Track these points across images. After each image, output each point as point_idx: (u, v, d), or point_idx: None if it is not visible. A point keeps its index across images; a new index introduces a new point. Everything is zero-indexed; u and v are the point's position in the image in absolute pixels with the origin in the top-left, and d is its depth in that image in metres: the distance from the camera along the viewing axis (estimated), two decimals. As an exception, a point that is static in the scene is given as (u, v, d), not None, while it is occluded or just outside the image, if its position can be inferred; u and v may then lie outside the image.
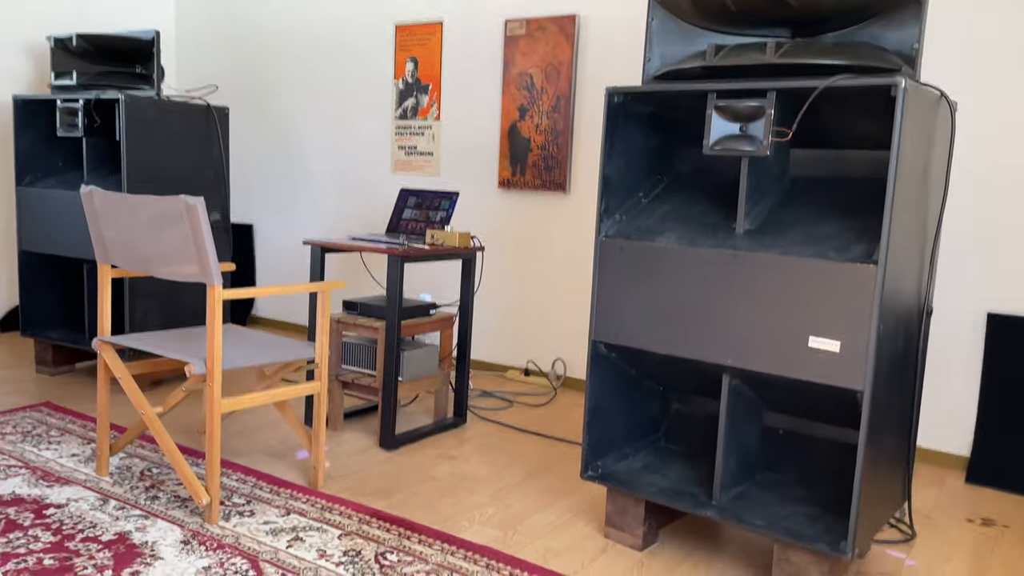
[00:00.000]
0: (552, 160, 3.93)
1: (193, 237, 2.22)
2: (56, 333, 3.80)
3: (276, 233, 5.10)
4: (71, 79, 3.58)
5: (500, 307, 4.23)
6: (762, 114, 1.96)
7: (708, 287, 2.07)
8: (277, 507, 2.43)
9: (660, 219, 2.26)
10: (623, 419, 2.47)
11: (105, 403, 2.59)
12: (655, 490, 2.23)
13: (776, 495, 2.24)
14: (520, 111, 4.01)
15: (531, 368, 4.16)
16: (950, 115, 2.13)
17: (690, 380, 2.37)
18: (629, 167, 2.33)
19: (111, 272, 2.57)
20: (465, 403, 3.34)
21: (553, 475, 2.84)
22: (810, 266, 1.91)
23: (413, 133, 4.43)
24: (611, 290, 2.25)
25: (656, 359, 2.26)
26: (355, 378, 3.11)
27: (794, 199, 2.17)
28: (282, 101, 4.99)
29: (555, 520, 2.46)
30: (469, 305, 3.27)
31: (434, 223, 3.32)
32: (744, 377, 2.12)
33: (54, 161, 3.84)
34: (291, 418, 2.67)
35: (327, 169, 4.83)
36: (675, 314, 2.13)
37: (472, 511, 2.49)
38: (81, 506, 2.37)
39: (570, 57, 3.83)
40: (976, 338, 3.04)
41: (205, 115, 3.69)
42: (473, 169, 4.25)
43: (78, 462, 2.71)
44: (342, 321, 3.14)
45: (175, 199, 2.21)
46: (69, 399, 3.43)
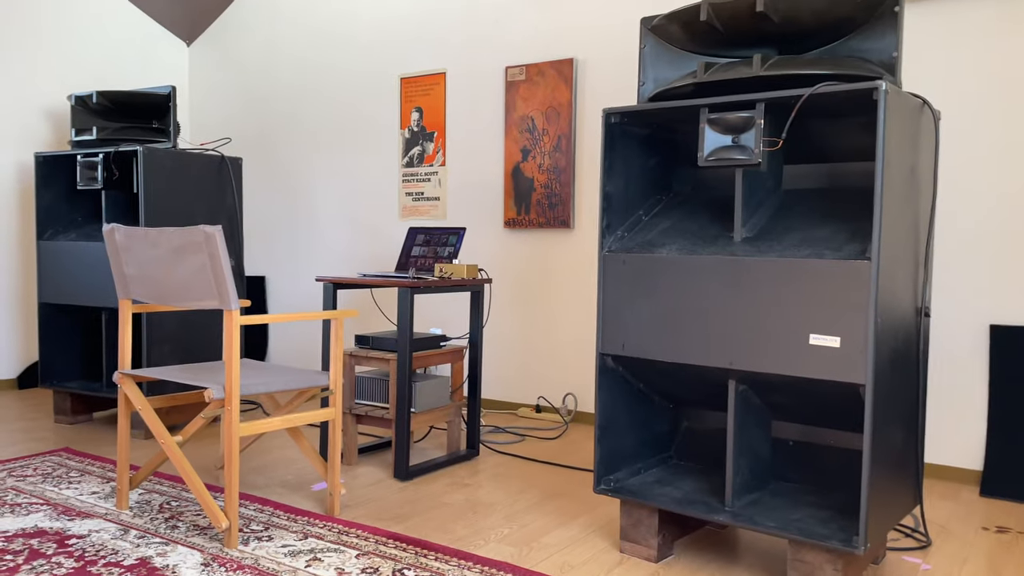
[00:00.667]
0: (556, 198, 4.04)
1: (211, 265, 2.30)
2: (74, 383, 3.87)
3: (288, 284, 5.21)
4: (91, 134, 3.74)
5: (510, 345, 4.28)
6: (752, 125, 2.06)
7: (709, 294, 2.14)
8: (295, 532, 2.46)
9: (661, 233, 2.34)
10: (634, 435, 2.50)
11: (126, 437, 2.64)
12: (668, 500, 2.26)
13: (789, 501, 2.26)
14: (523, 152, 4.14)
15: (542, 404, 4.19)
16: (934, 123, 2.22)
17: (698, 392, 2.41)
18: (629, 186, 2.42)
19: (132, 307, 2.65)
20: (477, 435, 3.37)
21: (567, 498, 2.86)
22: (807, 266, 1.98)
23: (420, 180, 4.57)
24: (615, 303, 2.32)
25: (663, 370, 2.31)
26: (368, 411, 3.15)
27: (789, 209, 2.25)
28: (292, 154, 5.16)
29: (571, 537, 2.48)
30: (479, 336, 3.33)
31: (442, 258, 3.41)
32: (750, 382, 2.17)
33: (74, 216, 3.97)
34: (306, 447, 2.71)
35: (337, 218, 4.96)
36: (678, 322, 2.19)
37: (487, 531, 2.51)
38: (103, 536, 2.40)
39: (569, 98, 3.98)
40: (981, 351, 3.07)
41: (219, 165, 3.83)
42: (479, 211, 4.36)
43: (98, 498, 2.75)
44: (354, 355, 3.20)
45: (194, 229, 2.30)
46: (87, 445, 3.48)
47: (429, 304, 4.58)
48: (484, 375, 4.40)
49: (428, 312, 4.58)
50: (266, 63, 5.26)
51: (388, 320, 4.19)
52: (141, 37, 5.29)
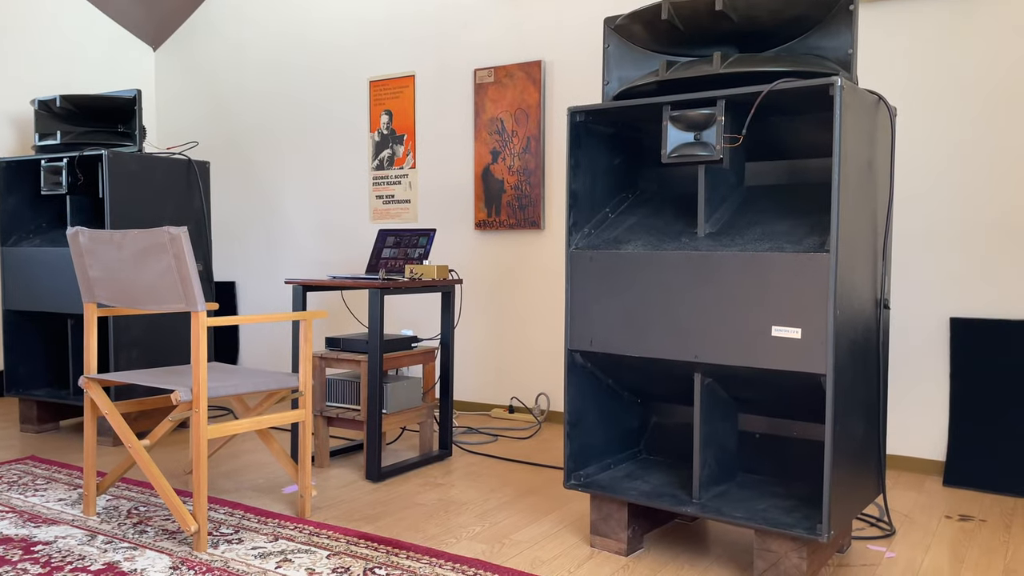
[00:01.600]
0: (526, 199, 4.06)
1: (177, 266, 2.29)
2: (41, 391, 3.82)
3: (258, 288, 5.18)
4: (55, 139, 3.70)
5: (482, 346, 4.30)
6: (713, 121, 2.09)
7: (674, 288, 2.17)
8: (265, 535, 2.44)
9: (627, 230, 2.37)
10: (603, 431, 2.53)
11: (92, 443, 2.61)
12: (637, 493, 2.28)
13: (755, 492, 2.29)
14: (492, 154, 4.16)
15: (515, 405, 4.21)
16: (890, 118, 2.27)
17: (665, 386, 2.44)
18: (595, 184, 2.45)
19: (97, 311, 2.63)
20: (450, 435, 3.38)
21: (539, 496, 2.87)
22: (768, 259, 2.02)
23: (390, 183, 4.57)
24: (583, 300, 2.34)
25: (631, 365, 2.33)
26: (340, 413, 3.15)
27: (751, 205, 2.29)
28: (261, 158, 5.13)
29: (542, 533, 2.49)
30: (450, 337, 3.34)
31: (413, 259, 3.41)
32: (715, 375, 2.20)
33: (39, 221, 3.92)
34: (276, 449, 2.70)
35: (307, 223, 4.94)
36: (644, 317, 2.22)
37: (459, 530, 2.52)
38: (69, 542, 2.38)
39: (538, 100, 4.00)
40: (942, 343, 3.14)
41: (187, 169, 3.80)
42: (450, 213, 4.37)
43: (65, 505, 2.72)
44: (325, 357, 3.20)
45: (159, 230, 2.29)
46: (54, 453, 3.43)
47: (400, 306, 4.58)
48: (456, 377, 4.40)
49: (399, 314, 4.58)
50: (234, 67, 5.23)
51: (359, 322, 4.18)
52: (106, 42, 5.24)
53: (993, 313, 3.04)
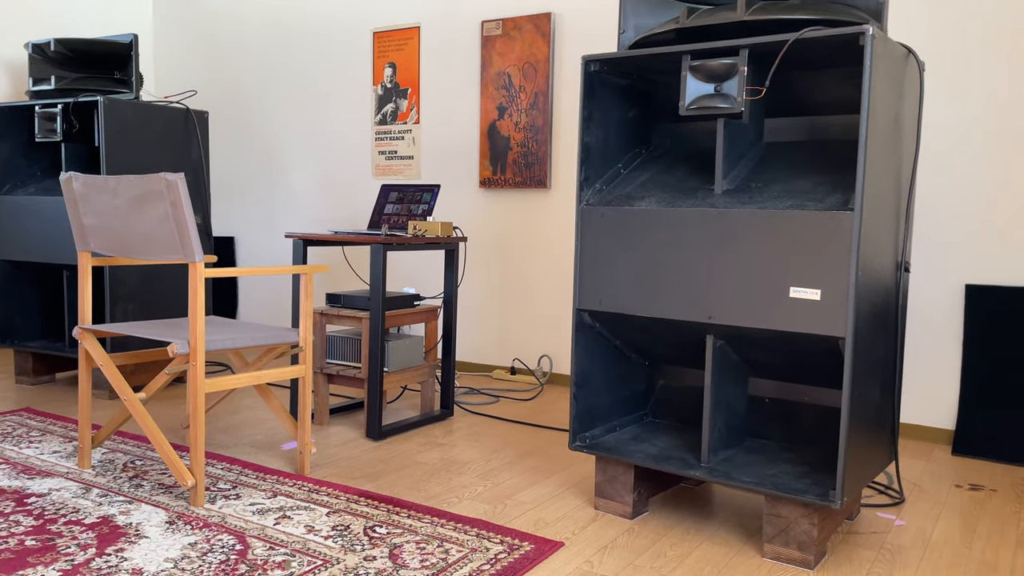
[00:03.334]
0: (532, 157, 3.97)
1: (173, 215, 2.21)
2: (37, 343, 3.76)
3: (258, 244, 5.09)
4: (49, 84, 3.59)
5: (484, 307, 4.23)
6: (735, 72, 2.00)
7: (689, 247, 2.09)
8: (263, 491, 2.40)
9: (639, 186, 2.29)
10: (610, 393, 2.47)
11: (87, 394, 2.56)
12: (644, 456, 2.23)
13: (764, 457, 2.24)
14: (499, 110, 4.06)
15: (517, 366, 4.15)
16: (918, 72, 2.18)
17: (675, 348, 2.38)
18: (608, 138, 2.36)
19: (92, 260, 2.55)
20: (452, 395, 3.33)
21: (542, 457, 2.83)
22: (788, 217, 1.94)
23: (393, 138, 4.46)
24: (593, 258, 2.26)
25: (640, 325, 2.27)
26: (340, 371, 3.09)
27: (770, 162, 2.21)
28: (261, 111, 5.02)
29: (546, 494, 2.45)
30: (453, 295, 3.27)
31: (416, 215, 3.33)
32: (728, 337, 2.13)
33: (32, 169, 3.83)
34: (275, 405, 2.64)
35: (308, 178, 4.84)
36: (657, 276, 2.15)
37: (461, 489, 2.47)
38: (63, 495, 2.33)
39: (547, 54, 3.89)
40: (956, 311, 3.07)
41: (184, 119, 3.70)
42: (454, 170, 4.28)
43: (59, 457, 2.67)
44: (326, 314, 3.13)
45: (155, 176, 2.21)
46: (49, 405, 3.39)
47: (402, 263, 4.50)
48: (458, 337, 4.34)
49: (400, 271, 4.51)
50: (234, 15, 5.09)
51: (360, 279, 4.11)
52: (103, -13, 5.09)
53: (1011, 280, 2.97)
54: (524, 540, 2.08)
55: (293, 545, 2.02)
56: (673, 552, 2.06)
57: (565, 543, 2.09)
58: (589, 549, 2.06)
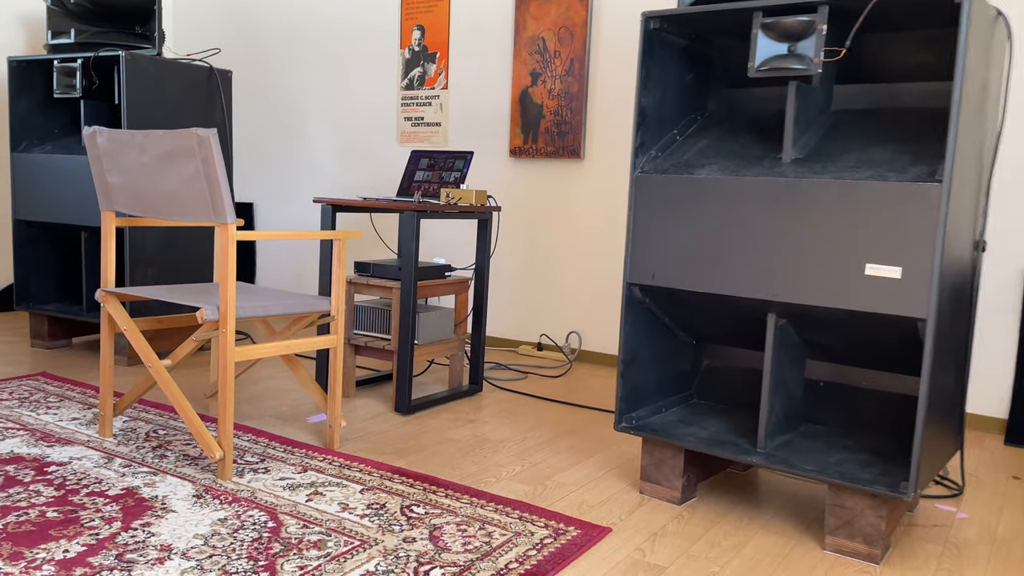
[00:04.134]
0: (566, 126, 3.82)
1: (205, 173, 2.09)
2: (53, 306, 3.66)
3: (278, 211, 4.97)
4: (69, 38, 3.45)
5: (512, 280, 4.11)
6: (813, 30, 1.85)
7: (754, 218, 1.96)
8: (293, 464, 2.30)
9: (698, 153, 2.15)
10: (656, 372, 2.35)
11: (108, 360, 2.45)
12: (695, 440, 2.11)
13: (822, 443, 2.12)
14: (532, 76, 3.90)
15: (544, 342, 4.04)
16: (1007, 37, 2.03)
17: (728, 327, 2.25)
18: (664, 101, 2.22)
19: (116, 221, 2.44)
20: (481, 370, 3.21)
21: (579, 436, 2.72)
22: (867, 188, 1.80)
23: (420, 103, 4.32)
24: (647, 229, 2.13)
25: (693, 302, 2.14)
26: (368, 342, 2.98)
27: (840, 130, 2.07)
28: (283, 74, 4.87)
29: (587, 476, 2.34)
30: (485, 267, 3.15)
31: (448, 183, 3.20)
32: (790, 316, 2.01)
33: (51, 127, 3.70)
34: (303, 376, 2.54)
35: (330, 143, 4.71)
36: (718, 250, 2.02)
37: (497, 469, 2.37)
38: (84, 464, 2.23)
39: (584, 17, 3.73)
40: (1013, 295, 2.94)
41: (208, 77, 3.56)
42: (483, 138, 4.14)
43: (79, 424, 2.57)
44: (354, 282, 3.02)
45: (186, 131, 2.08)
46: (66, 370, 3.29)
47: (430, 232, 4.37)
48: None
49: (428, 241, 4.38)
50: (256, -26, 4.92)
51: (388, 248, 3.99)
52: (122, -59, 4.92)
53: (1073, 265, 2.83)
54: (570, 524, 1.97)
55: (328, 524, 1.91)
56: (728, 542, 1.95)
57: (612, 528, 1.98)
58: (639, 536, 1.96)
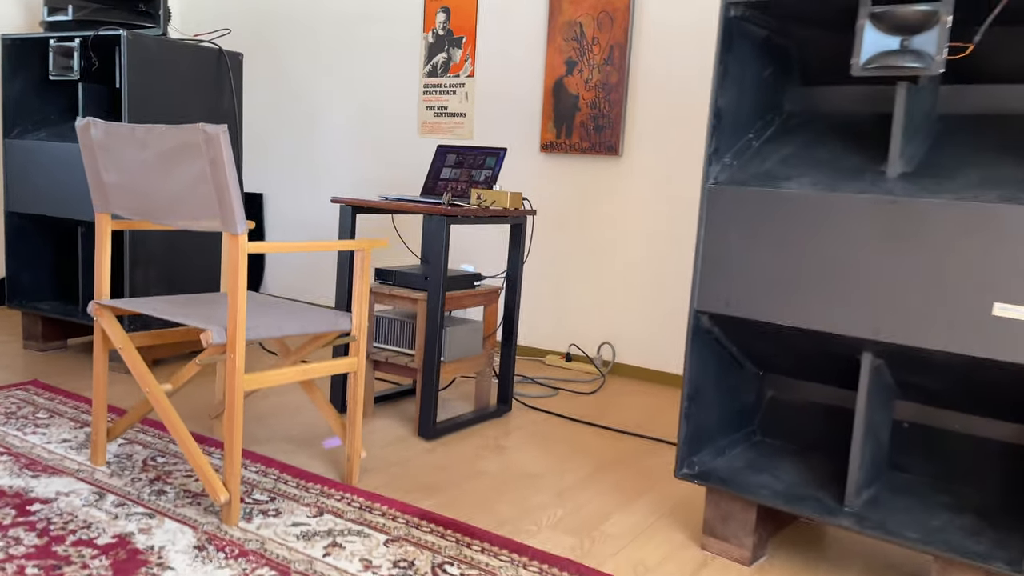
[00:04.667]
0: (603, 119, 3.53)
1: (213, 175, 1.81)
2: (47, 305, 3.39)
3: (289, 204, 4.69)
4: (66, 14, 3.16)
5: (539, 286, 3.83)
6: (935, 22, 1.56)
7: (853, 242, 1.67)
8: (307, 505, 2.03)
9: (782, 163, 1.86)
10: (719, 408, 2.08)
11: (102, 380, 2.19)
12: (770, 493, 1.84)
13: (916, 500, 1.84)
14: (567, 65, 3.61)
15: (574, 353, 3.76)
16: None
17: (805, 360, 1.97)
18: (740, 101, 1.93)
19: (112, 224, 2.16)
20: (511, 389, 2.94)
21: (623, 470, 2.45)
22: (997, 213, 1.51)
23: (443, 92, 4.03)
24: (720, 250, 1.85)
25: (770, 335, 1.86)
26: (389, 357, 2.71)
27: (949, 140, 1.78)
28: (296, 57, 4.58)
29: (637, 524, 2.07)
30: (518, 276, 2.87)
31: (478, 183, 2.92)
32: (890, 356, 1.73)
33: (46, 112, 3.43)
34: (320, 400, 2.27)
35: (345, 133, 4.42)
36: (806, 277, 1.74)
37: (536, 512, 2.10)
38: (73, 501, 1.97)
39: (627, 2, 3.42)
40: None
41: (217, 60, 3.28)
42: (512, 131, 3.85)
43: (69, 449, 2.31)
44: (376, 291, 2.74)
45: (192, 127, 1.80)
46: (60, 377, 3.02)
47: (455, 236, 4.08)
48: (507, 316, 3.95)
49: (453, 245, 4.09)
50: (270, -50, 4.62)
51: (412, 252, 3.71)
52: (127, -88, 4.62)
53: None
54: (629, 592, 1.71)
55: (350, 588, 1.65)
56: (813, 617, 1.68)
57: (677, 597, 1.72)
58: (709, 608, 1.69)
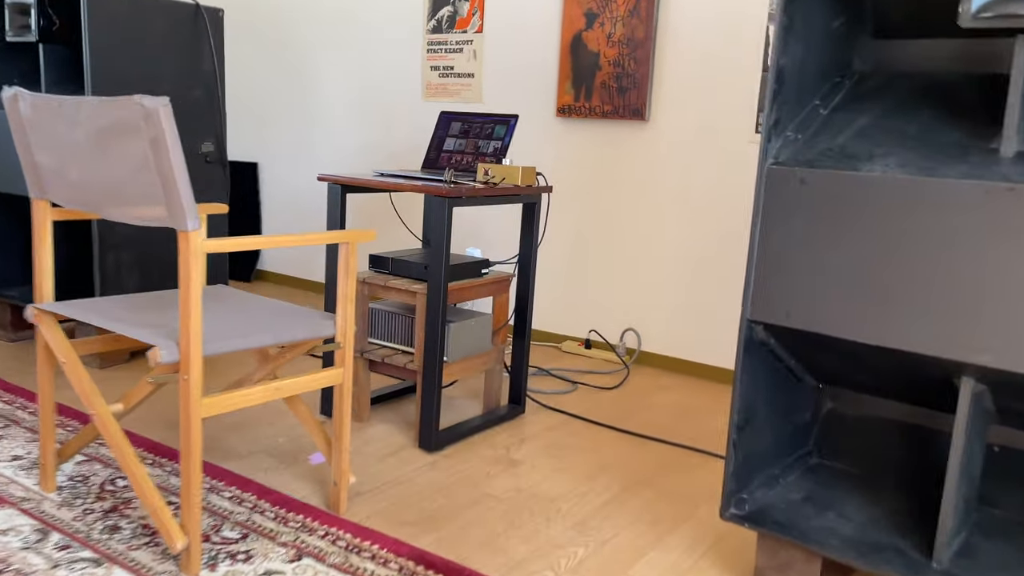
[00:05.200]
0: (628, 79, 3.14)
1: (155, 159, 1.47)
2: (16, 291, 3.09)
3: (285, 173, 4.35)
4: (20, -34, 2.80)
5: (556, 265, 3.48)
6: (1081, -45, 1.18)
7: (956, 241, 1.32)
8: (284, 545, 1.73)
9: (859, 136, 1.50)
10: (772, 430, 1.74)
11: (48, 397, 1.88)
12: (840, 543, 1.51)
13: (1011, 546, 1.51)
14: (587, 17, 3.21)
15: (594, 339, 3.43)
16: None
17: (878, 377, 1.63)
18: (806, 60, 1.56)
19: (53, 213, 1.84)
20: (524, 387, 2.62)
21: (655, 489, 2.13)
22: None
23: (449, 50, 3.64)
24: (781, 248, 1.50)
25: (841, 350, 1.52)
26: (386, 356, 2.38)
27: (1075, 107, 1.40)
28: (287, 13, 4.19)
29: (676, 565, 1.75)
30: (531, 261, 2.53)
31: (486, 155, 2.56)
32: (995, 382, 1.38)
33: (8, 76, 3.09)
34: (304, 414, 1.96)
35: (344, 96, 4.05)
36: (895, 284, 1.38)
37: (554, 552, 1.79)
38: (11, 543, 1.68)
39: (656, -54, 3.02)
40: None
41: (194, 17, 2.92)
42: (525, 94, 3.47)
43: (19, 470, 2.02)
44: (369, 282, 2.41)
45: (127, 100, 1.46)
46: (25, 374, 2.73)
47: (459, 214, 3.74)
48: (521, 297, 3.62)
49: (457, 225, 3.75)
50: None
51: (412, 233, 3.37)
52: None
53: None
54: (668, 671, 1.39)
55: (326, 670, 1.35)
56: None
57: (727, 675, 1.40)
58: None
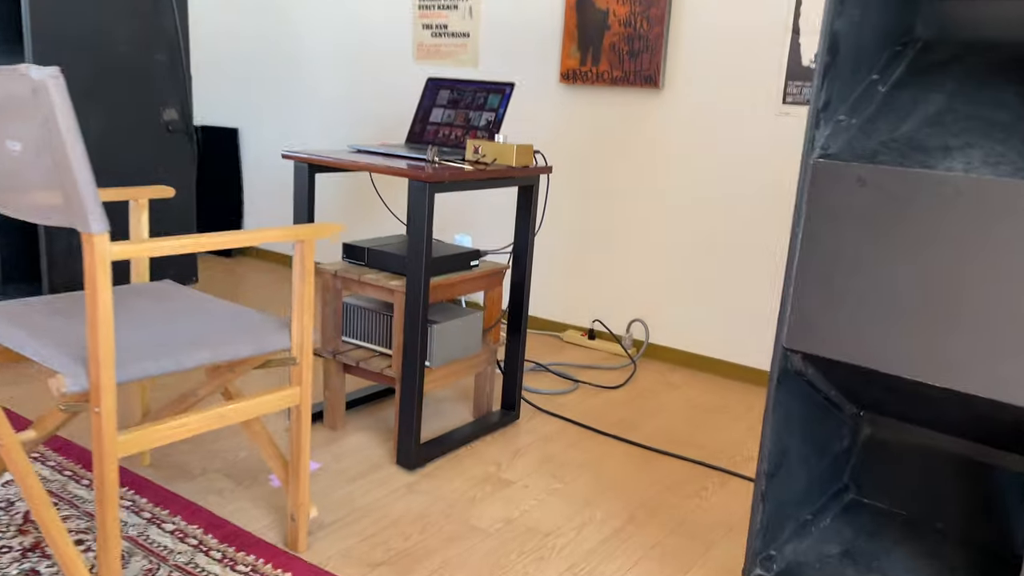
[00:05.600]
0: (640, 42, 2.81)
1: (50, 144, 1.18)
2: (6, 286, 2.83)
3: (266, 138, 4.04)
4: (-50, -90, 2.48)
5: (557, 249, 3.19)
6: None
7: (1062, 264, 1.03)
8: (228, 598, 1.47)
9: (930, 122, 1.19)
10: (805, 469, 1.47)
11: (-42, 413, 1.61)
12: (890, 618, 1.25)
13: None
14: (594, -27, 2.87)
15: (598, 330, 3.15)
16: None
17: (931, 413, 1.35)
18: (862, 27, 1.25)
19: (-44, 202, 1.55)
20: (518, 390, 2.35)
21: (665, 517, 1.86)
22: None
23: (443, 6, 3.31)
24: (830, 259, 1.21)
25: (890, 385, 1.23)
26: (362, 360, 2.11)
27: None
28: (272, -32, 3.85)
29: (687, 630, 1.49)
30: (527, 250, 2.24)
31: (477, 129, 2.26)
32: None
33: (-50, 36, 2.78)
34: (259, 435, 1.69)
35: (327, 58, 3.73)
36: (981, 316, 1.09)
37: (547, 604, 1.53)
38: (-97, 595, 1.43)
39: None
40: None
41: (150, -31, 2.60)
42: (525, 57, 3.14)
43: (-65, 493, 1.76)
44: (342, 275, 2.13)
45: (9, 71, 1.17)
46: (-32, 371, 2.48)
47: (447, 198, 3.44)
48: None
49: (448, 210, 3.45)
50: None
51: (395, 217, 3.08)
52: None
53: None
54: None
55: None
56: None
57: None
58: None
